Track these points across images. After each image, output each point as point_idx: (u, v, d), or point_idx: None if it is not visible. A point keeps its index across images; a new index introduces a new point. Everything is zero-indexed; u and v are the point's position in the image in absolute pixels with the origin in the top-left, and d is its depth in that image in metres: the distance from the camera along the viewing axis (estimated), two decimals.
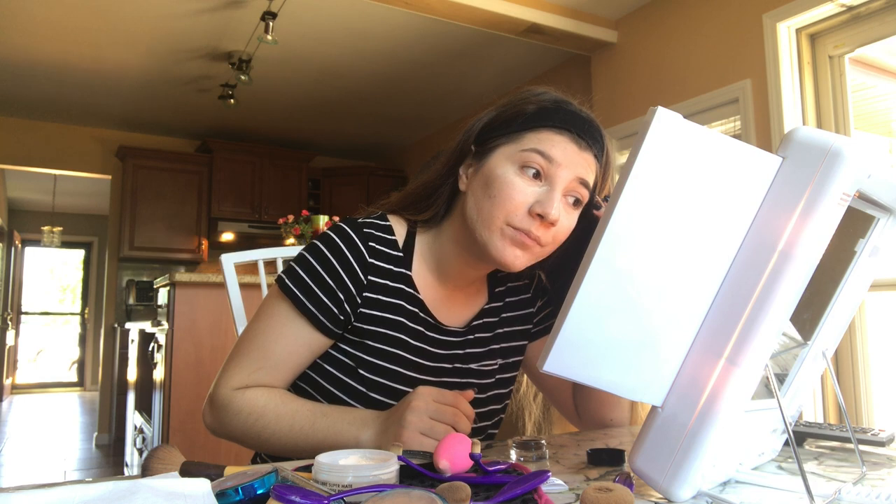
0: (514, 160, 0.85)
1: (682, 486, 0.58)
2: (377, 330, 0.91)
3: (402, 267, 0.94)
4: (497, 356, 1.02)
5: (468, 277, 0.97)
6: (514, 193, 0.83)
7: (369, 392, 0.91)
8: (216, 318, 2.67)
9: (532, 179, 0.84)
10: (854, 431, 0.79)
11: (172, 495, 0.50)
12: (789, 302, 0.57)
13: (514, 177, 0.84)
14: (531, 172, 0.84)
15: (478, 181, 0.88)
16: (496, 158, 0.87)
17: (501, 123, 0.89)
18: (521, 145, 0.85)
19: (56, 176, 6.13)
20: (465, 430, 0.78)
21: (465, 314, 0.99)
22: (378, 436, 0.81)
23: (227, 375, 0.90)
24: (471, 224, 0.88)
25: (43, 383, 9.07)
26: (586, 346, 0.56)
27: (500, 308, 1.03)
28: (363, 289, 0.90)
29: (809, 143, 0.57)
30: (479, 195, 0.87)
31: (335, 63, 4.00)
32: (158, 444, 0.63)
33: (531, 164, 0.84)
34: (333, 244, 0.91)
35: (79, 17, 3.42)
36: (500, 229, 0.84)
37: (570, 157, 0.84)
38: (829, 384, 2.34)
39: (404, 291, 0.93)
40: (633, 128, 3.23)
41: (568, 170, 0.84)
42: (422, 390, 0.80)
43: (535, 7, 3.18)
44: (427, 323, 0.94)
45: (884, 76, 2.64)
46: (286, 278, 0.91)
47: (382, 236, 0.93)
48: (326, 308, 0.89)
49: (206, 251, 5.32)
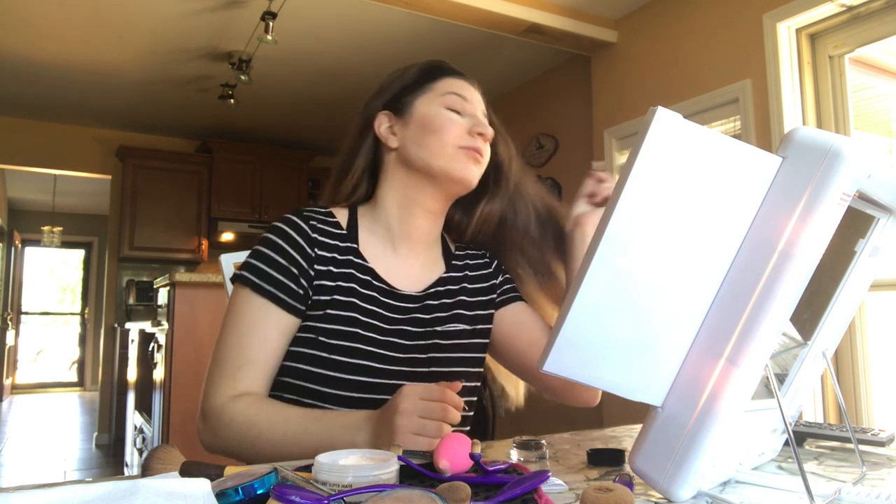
0: (437, 102, 1.01)
1: (682, 486, 0.58)
2: (332, 298, 0.96)
3: (347, 241, 1.01)
4: (462, 322, 1.05)
5: (421, 234, 1.04)
6: (453, 123, 0.99)
7: (332, 356, 0.94)
8: (216, 318, 2.66)
9: (457, 115, 1.01)
10: (854, 431, 0.79)
11: (172, 495, 0.50)
12: (789, 302, 0.57)
13: (446, 112, 1.00)
14: (455, 109, 1.01)
15: (413, 129, 1.01)
16: (421, 106, 1.02)
17: (407, 86, 1.04)
18: (437, 91, 1.02)
19: (56, 176, 6.13)
20: (454, 421, 0.78)
21: (422, 281, 1.05)
22: (372, 440, 0.82)
23: (213, 386, 0.91)
24: (421, 164, 0.99)
25: (43, 383, 9.07)
26: (586, 346, 0.56)
27: (461, 278, 1.09)
28: (313, 262, 0.96)
29: (809, 143, 0.57)
30: (419, 136, 1.00)
31: (335, 63, 4.00)
32: (158, 444, 0.63)
33: (452, 105, 1.01)
34: (278, 229, 0.98)
35: (79, 17, 3.42)
36: (453, 152, 0.98)
37: (473, 95, 1.04)
38: (829, 384, 2.34)
39: (353, 262, 0.99)
40: (633, 128, 3.23)
41: (476, 105, 1.04)
42: (406, 390, 0.79)
43: (535, 7, 3.18)
44: (381, 290, 1.00)
45: (884, 76, 2.64)
46: (242, 270, 0.96)
47: (323, 218, 1.01)
48: (284, 285, 0.94)
49: (206, 251, 5.32)
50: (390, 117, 1.05)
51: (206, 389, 0.92)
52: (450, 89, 1.02)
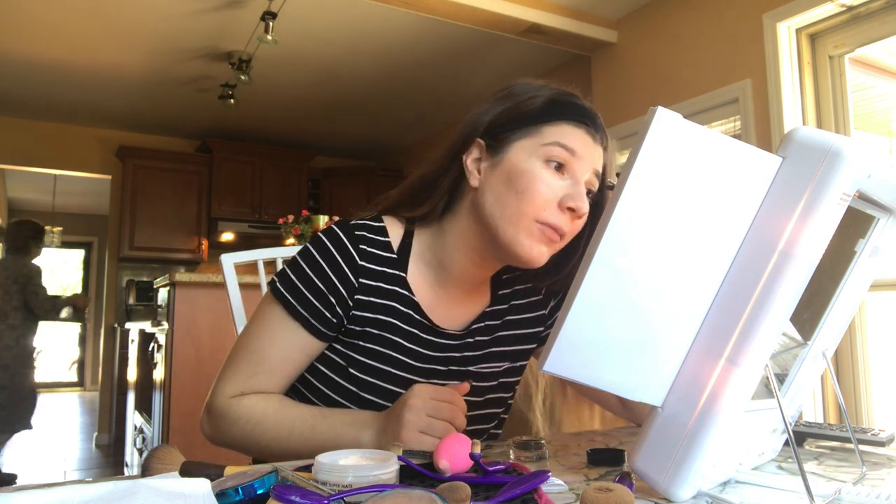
0: (537, 154, 0.84)
1: (682, 486, 0.58)
2: (369, 331, 0.91)
3: (396, 269, 0.92)
4: (500, 359, 0.99)
5: (473, 278, 0.95)
6: (542, 188, 0.83)
7: (360, 392, 0.90)
8: (216, 318, 2.67)
9: (556, 173, 0.84)
10: (854, 431, 0.79)
11: (172, 495, 0.50)
12: (789, 302, 0.57)
13: (541, 170, 0.83)
14: (555, 166, 0.84)
15: (497, 176, 0.86)
16: (516, 152, 0.86)
17: (515, 117, 0.87)
18: (541, 139, 0.85)
19: (56, 176, 6.12)
20: (461, 426, 0.78)
21: (465, 316, 0.97)
22: (378, 436, 0.81)
23: (223, 383, 0.90)
24: (490, 221, 0.86)
25: (43, 383, 9.04)
26: (586, 346, 0.56)
27: (505, 311, 1.00)
28: (354, 292, 0.90)
29: (809, 143, 0.57)
30: (502, 191, 0.85)
31: (335, 63, 4.00)
32: (158, 444, 0.63)
33: (555, 158, 0.83)
34: (324, 248, 0.90)
35: (79, 18, 3.42)
36: (529, 225, 0.83)
37: (588, 150, 0.85)
38: (829, 384, 2.34)
39: (398, 293, 0.92)
40: (633, 128, 3.23)
41: (587, 162, 0.85)
42: (418, 388, 0.80)
43: (535, 7, 3.18)
44: (422, 325, 0.93)
45: (884, 76, 2.64)
46: (278, 283, 0.90)
47: (375, 238, 0.92)
48: (318, 312, 0.89)
49: (206, 251, 5.32)
50: (482, 149, 0.89)
51: (215, 385, 0.91)
52: (559, 139, 0.84)
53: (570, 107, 0.86)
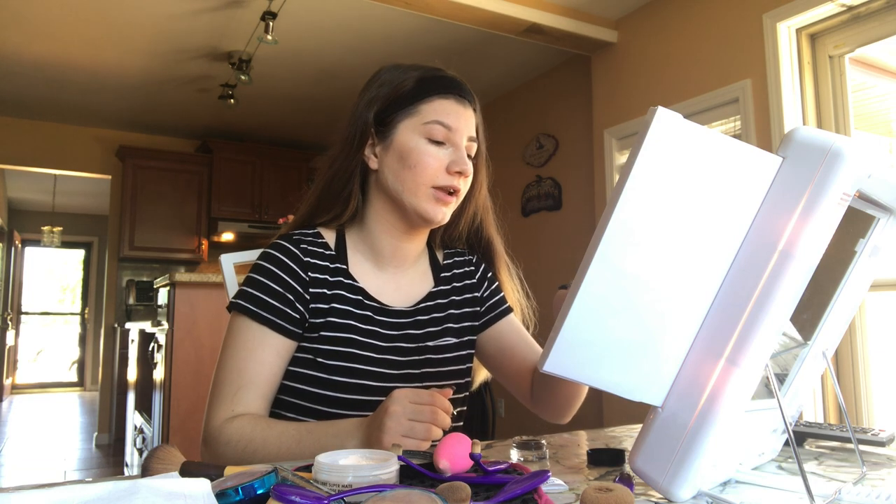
0: (419, 132, 0.98)
1: (682, 486, 0.58)
2: (330, 320, 0.98)
3: (337, 262, 1.02)
4: (457, 334, 1.08)
5: (404, 254, 1.05)
6: (430, 161, 0.97)
7: (330, 376, 0.96)
8: (216, 318, 2.67)
9: (439, 145, 0.98)
10: (854, 431, 0.79)
11: (172, 495, 0.50)
12: (789, 302, 0.57)
13: (426, 146, 0.98)
14: (437, 140, 0.98)
15: (390, 156, 1.00)
16: (402, 133, 0.99)
17: (393, 101, 1.00)
18: (421, 118, 0.98)
19: (56, 176, 6.13)
20: (444, 426, 0.79)
21: (412, 297, 1.06)
22: (362, 444, 0.82)
23: (212, 410, 0.93)
24: (395, 195, 0.99)
25: (43, 383, 9.06)
26: (586, 346, 0.56)
27: (449, 291, 1.10)
28: (307, 286, 0.98)
29: (809, 143, 0.57)
30: (397, 168, 0.99)
31: (335, 63, 4.00)
32: (158, 444, 0.63)
33: (435, 135, 0.98)
34: (272, 256, 1.00)
35: (79, 18, 3.42)
36: (427, 192, 0.97)
37: (462, 120, 1.00)
38: (829, 384, 2.34)
39: (343, 283, 1.01)
40: (633, 128, 3.23)
41: (463, 131, 1.00)
42: (397, 394, 0.80)
43: (535, 7, 3.18)
44: (373, 307, 1.01)
45: (884, 76, 2.64)
46: (238, 299, 0.97)
47: (313, 240, 1.02)
48: (282, 311, 0.95)
49: (206, 251, 5.32)
50: (373, 136, 1.02)
51: (206, 415, 0.94)
52: (435, 117, 0.98)
53: (439, 80, 1.01)
